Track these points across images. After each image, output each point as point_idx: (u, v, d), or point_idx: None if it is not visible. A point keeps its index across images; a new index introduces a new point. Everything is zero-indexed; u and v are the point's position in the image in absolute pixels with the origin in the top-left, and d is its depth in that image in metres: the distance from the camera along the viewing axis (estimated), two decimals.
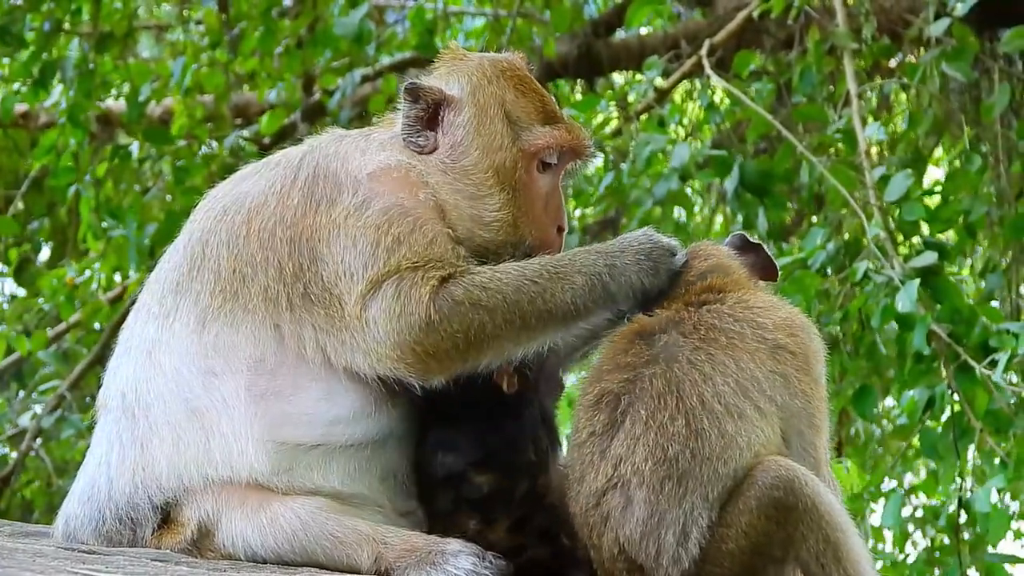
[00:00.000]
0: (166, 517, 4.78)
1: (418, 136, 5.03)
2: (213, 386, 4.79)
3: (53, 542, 4.87)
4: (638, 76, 13.26)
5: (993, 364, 9.09)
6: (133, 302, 5.16)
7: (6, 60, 13.31)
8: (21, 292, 15.11)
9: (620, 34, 14.14)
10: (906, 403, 9.58)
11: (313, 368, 4.79)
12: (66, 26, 13.31)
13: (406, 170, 4.95)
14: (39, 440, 13.83)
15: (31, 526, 5.41)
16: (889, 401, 12.59)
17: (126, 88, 13.35)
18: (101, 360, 12.89)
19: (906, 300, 9.04)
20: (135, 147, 13.33)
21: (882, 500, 11.93)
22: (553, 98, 5.26)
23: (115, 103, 14.53)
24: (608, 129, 12.54)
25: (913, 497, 13.46)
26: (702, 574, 4.53)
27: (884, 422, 13.36)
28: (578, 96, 14.25)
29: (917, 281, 9.13)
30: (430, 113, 5.04)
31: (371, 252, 4.75)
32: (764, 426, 4.61)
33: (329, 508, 4.72)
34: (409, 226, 4.79)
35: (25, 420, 13.64)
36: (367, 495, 4.82)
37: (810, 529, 4.50)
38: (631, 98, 12.24)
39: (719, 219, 14.65)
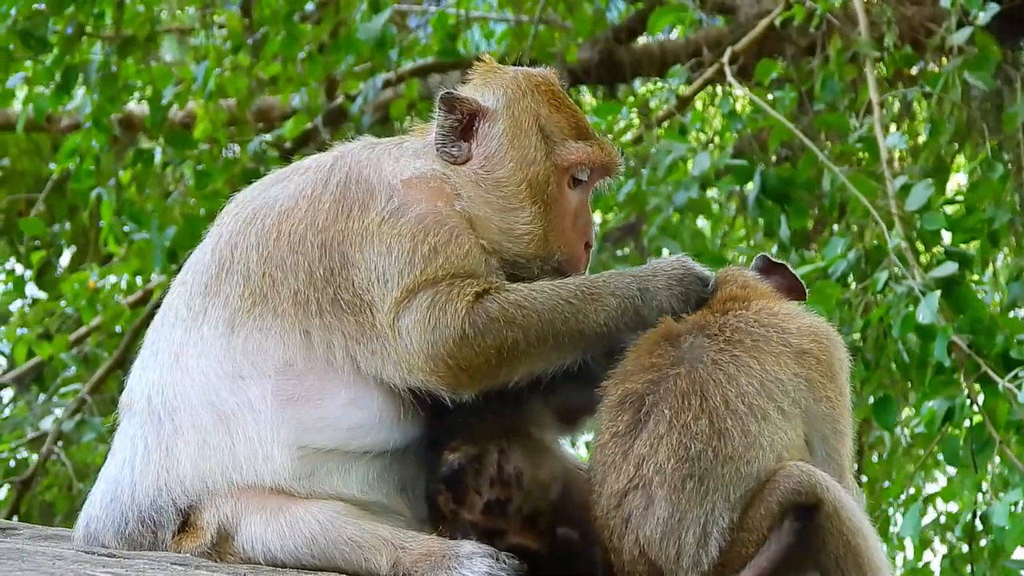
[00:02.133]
0: (186, 520, 4.78)
1: (452, 146, 5.04)
2: (240, 390, 4.79)
3: (73, 545, 4.87)
4: (660, 84, 13.26)
5: (1016, 378, 9.06)
6: (157, 305, 5.17)
7: (28, 64, 13.31)
8: (40, 295, 15.16)
9: (642, 40, 14.14)
10: (925, 413, 9.54)
11: (342, 375, 4.80)
12: (88, 29, 13.33)
13: (440, 180, 4.97)
14: (60, 443, 13.85)
15: (50, 529, 5.41)
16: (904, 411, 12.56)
17: (148, 91, 13.37)
18: (122, 364, 12.91)
19: (927, 311, 9.01)
20: (158, 151, 13.36)
21: (902, 509, 11.89)
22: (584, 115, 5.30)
23: (136, 106, 14.57)
24: (629, 136, 12.52)
25: (932, 504, 13.40)
26: None
27: (904, 431, 13.31)
28: (595, 103, 14.26)
29: (938, 292, 9.10)
30: (464, 124, 5.05)
31: (407, 259, 4.76)
32: (788, 428, 4.62)
33: (348, 512, 4.73)
34: (446, 236, 4.81)
35: (47, 424, 13.65)
36: (386, 504, 4.84)
37: (831, 534, 4.50)
38: (652, 104, 12.23)
39: (741, 225, 14.65)
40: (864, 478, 13.24)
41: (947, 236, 10.23)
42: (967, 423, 9.64)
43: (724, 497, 4.51)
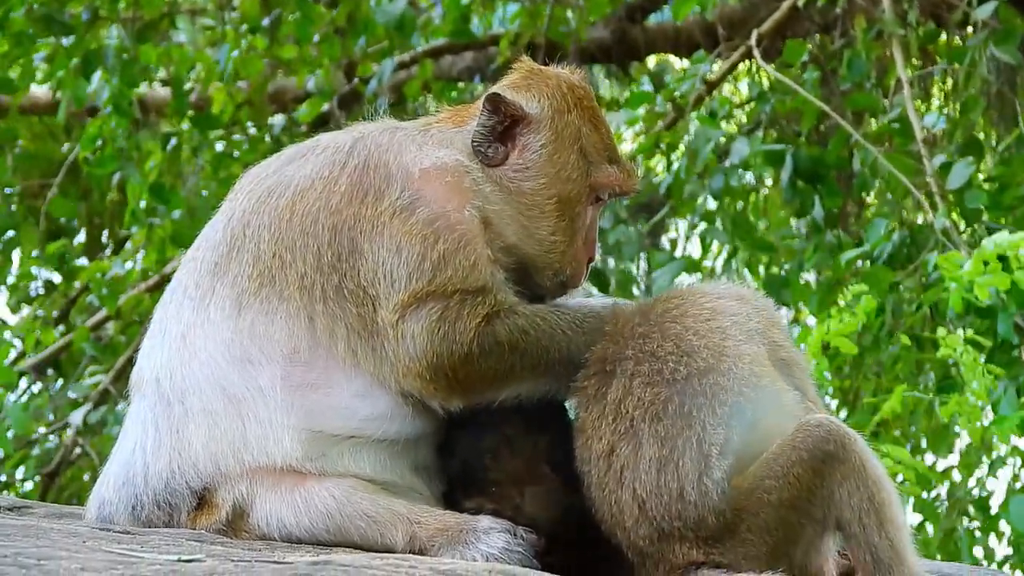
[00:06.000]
0: (201, 500, 4.77)
1: (488, 147, 5.01)
2: (249, 374, 4.76)
3: (87, 523, 4.86)
4: (687, 70, 13.16)
5: None
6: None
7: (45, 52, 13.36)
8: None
9: (655, 18, 14.09)
10: (997, 396, 9.46)
11: (344, 367, 4.77)
12: (102, 13, 13.36)
13: (461, 174, 4.92)
14: (85, 435, 13.88)
15: (65, 507, 5.41)
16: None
17: (162, 74, 13.37)
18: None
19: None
20: (173, 141, 13.39)
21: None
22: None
23: (150, 90, 14.59)
24: (660, 125, 12.44)
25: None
26: (738, 525, 4.47)
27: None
28: (607, 83, 14.24)
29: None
30: (506, 127, 5.03)
31: (417, 264, 4.74)
32: (750, 343, 4.67)
33: (363, 488, 4.71)
34: (454, 243, 4.77)
35: (76, 418, 13.66)
36: (399, 483, 4.82)
37: (856, 487, 4.47)
38: (682, 90, 12.16)
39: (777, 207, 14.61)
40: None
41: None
42: None
43: (711, 412, 4.50)
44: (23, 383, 14.75)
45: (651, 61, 15.08)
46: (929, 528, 12.14)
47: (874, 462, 4.51)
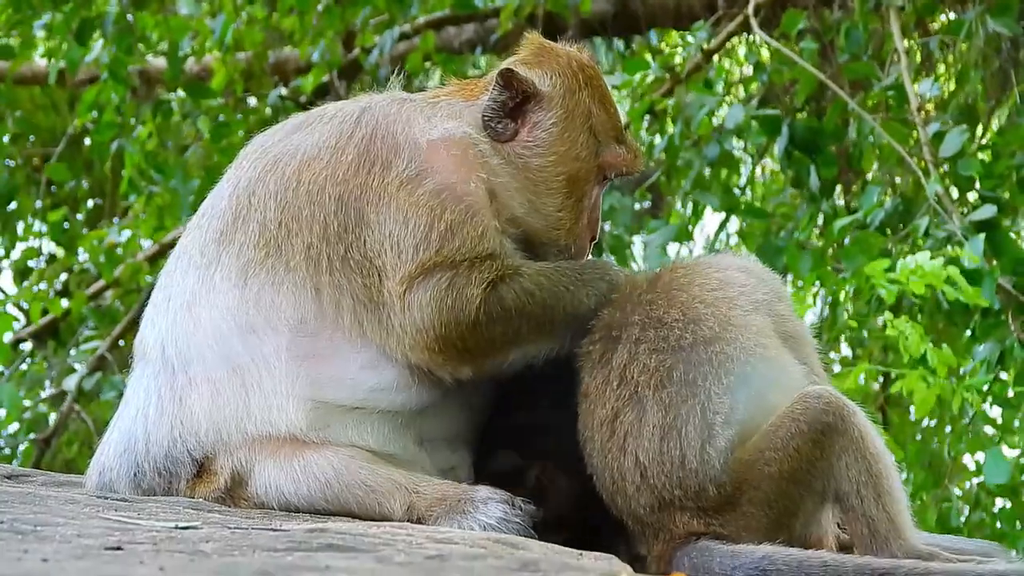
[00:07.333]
0: (201, 468, 4.76)
1: (499, 123, 5.00)
2: (253, 344, 4.75)
3: (86, 491, 4.85)
4: (687, 38, 13.13)
5: None
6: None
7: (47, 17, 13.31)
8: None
9: None
10: (979, 359, 9.48)
11: (351, 338, 4.75)
12: None
13: (468, 146, 4.91)
14: (80, 401, 13.88)
15: (63, 475, 5.40)
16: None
17: (164, 45, 13.33)
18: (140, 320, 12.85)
19: (973, 254, 8.95)
20: (175, 105, 13.35)
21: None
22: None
23: (154, 59, 14.55)
24: (657, 93, 12.42)
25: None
26: (738, 497, 4.46)
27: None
28: (607, 55, 14.21)
29: (982, 235, 9.06)
30: (517, 103, 5.01)
31: (424, 235, 4.71)
32: (756, 315, 4.67)
33: (362, 457, 4.71)
34: (461, 214, 4.75)
35: (70, 383, 13.66)
36: (402, 455, 4.81)
37: (855, 460, 4.45)
38: (678, 59, 12.13)
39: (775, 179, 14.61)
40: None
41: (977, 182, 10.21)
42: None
43: (716, 380, 4.49)
44: (22, 352, 14.77)
45: (652, 36, 15.02)
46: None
47: (873, 434, 4.49)
